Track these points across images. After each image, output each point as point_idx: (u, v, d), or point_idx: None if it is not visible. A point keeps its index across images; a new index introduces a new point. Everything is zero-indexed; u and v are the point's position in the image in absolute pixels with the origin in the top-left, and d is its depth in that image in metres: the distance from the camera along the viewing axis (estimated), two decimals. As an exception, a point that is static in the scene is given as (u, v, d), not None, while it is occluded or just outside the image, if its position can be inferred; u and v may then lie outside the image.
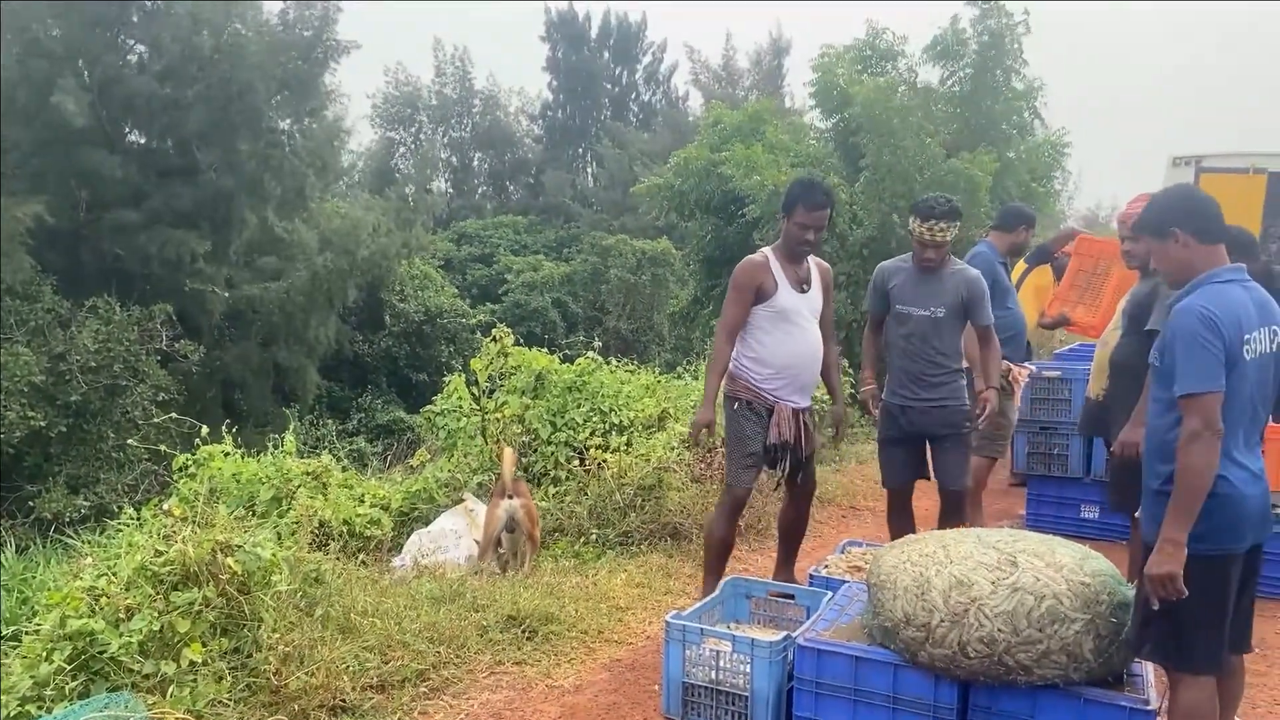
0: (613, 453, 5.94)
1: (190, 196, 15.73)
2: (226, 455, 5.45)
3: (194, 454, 5.49)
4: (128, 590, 3.15)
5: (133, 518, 4.46)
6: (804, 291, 4.08)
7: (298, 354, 17.57)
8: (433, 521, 5.48)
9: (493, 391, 6.62)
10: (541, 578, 4.75)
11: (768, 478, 5.05)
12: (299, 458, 5.70)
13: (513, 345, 6.74)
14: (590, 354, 6.82)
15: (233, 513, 3.86)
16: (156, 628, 3.03)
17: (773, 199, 10.54)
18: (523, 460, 6.21)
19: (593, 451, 5.98)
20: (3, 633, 3.62)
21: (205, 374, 15.76)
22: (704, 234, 13.52)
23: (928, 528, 4.02)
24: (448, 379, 7.21)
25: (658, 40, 37.83)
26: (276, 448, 5.67)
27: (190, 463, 5.46)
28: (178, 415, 7.98)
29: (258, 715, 3.09)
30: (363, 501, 5.59)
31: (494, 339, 6.71)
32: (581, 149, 37.37)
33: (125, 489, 12.34)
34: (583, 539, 5.54)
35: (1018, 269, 6.27)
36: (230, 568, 3.21)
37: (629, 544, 5.45)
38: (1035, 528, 5.17)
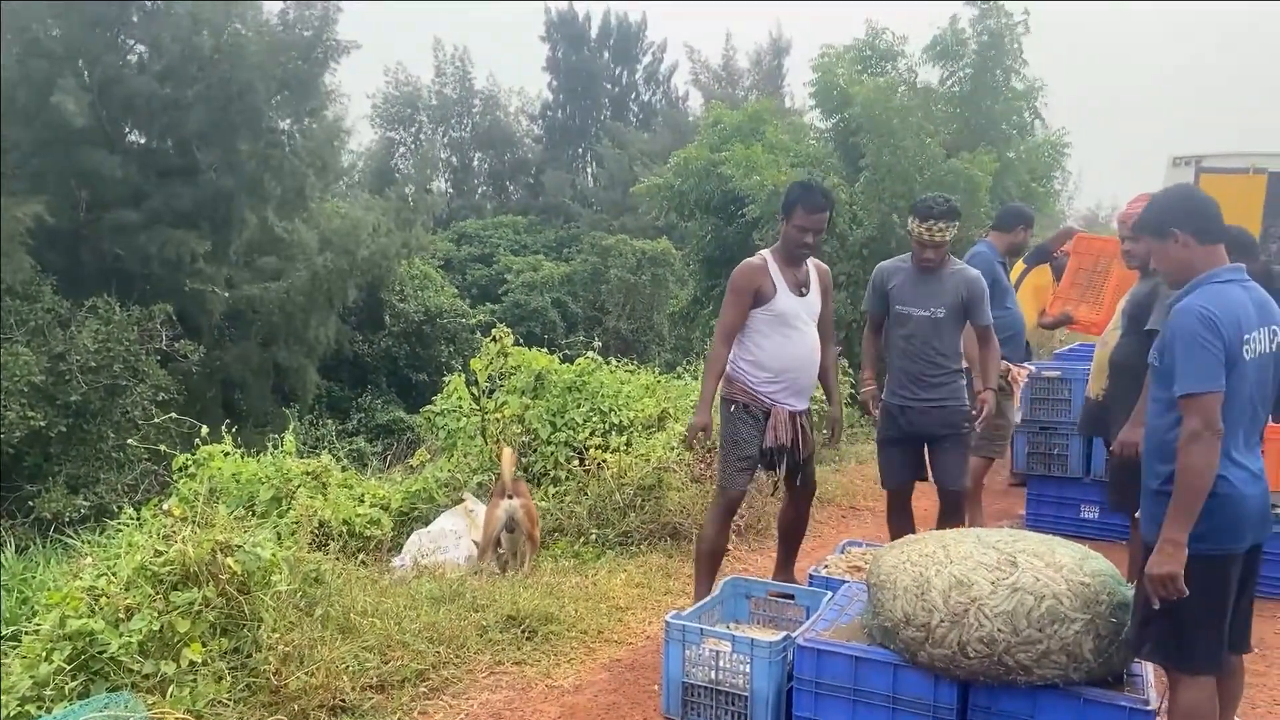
0: (612, 453, 5.94)
1: (190, 196, 15.73)
2: (226, 455, 5.45)
3: (194, 454, 5.49)
4: (127, 590, 3.15)
5: (132, 518, 4.45)
6: (803, 295, 4.06)
7: (298, 354, 17.57)
8: (432, 521, 5.48)
9: (492, 391, 6.62)
10: (541, 578, 4.75)
11: (767, 479, 5.06)
12: (299, 458, 5.70)
13: (512, 345, 6.75)
14: (590, 354, 6.82)
15: (233, 513, 3.86)
16: (156, 628, 3.03)
17: (772, 199, 10.54)
18: (522, 460, 6.21)
19: (592, 451, 5.97)
20: (3, 633, 3.62)
21: (205, 374, 15.76)
22: (704, 234, 13.53)
23: (927, 528, 4.02)
24: (447, 379, 7.21)
25: (658, 40, 37.89)
26: (276, 448, 5.67)
27: (190, 463, 5.46)
28: (178, 415, 7.98)
29: (257, 715, 3.09)
30: (362, 501, 5.59)
31: (494, 339, 6.71)
32: (581, 149, 37.37)
33: (125, 489, 12.35)
34: (582, 539, 5.54)
35: (1016, 269, 6.27)
36: (230, 568, 3.21)
37: (629, 544, 5.45)
38: (1035, 528, 5.17)
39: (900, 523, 4.40)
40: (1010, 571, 2.79)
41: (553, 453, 6.28)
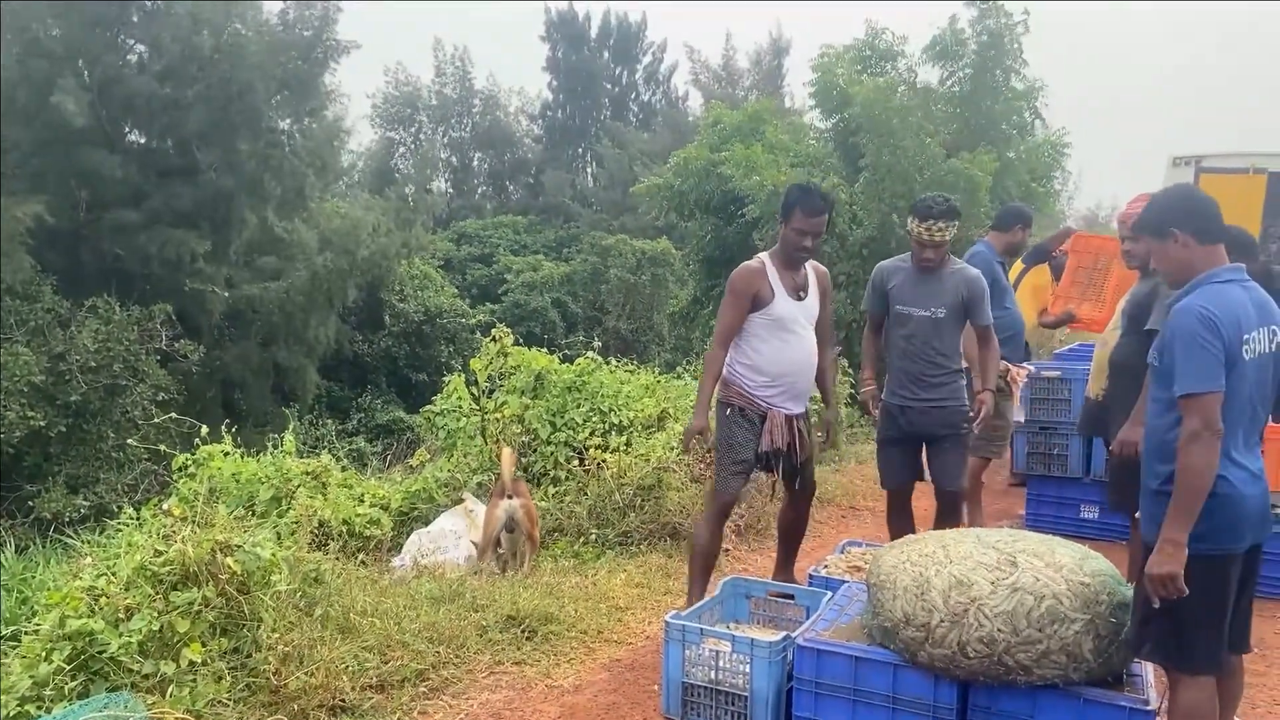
0: (612, 453, 5.94)
1: (190, 196, 15.74)
2: (226, 455, 5.45)
3: (194, 454, 5.49)
4: (127, 590, 3.15)
5: (132, 518, 4.45)
6: (801, 299, 4.03)
7: (297, 354, 17.58)
8: (432, 521, 5.48)
9: (492, 391, 6.62)
10: (541, 578, 4.75)
11: (766, 480, 5.05)
12: (298, 457, 5.70)
13: (512, 345, 6.74)
14: (590, 354, 6.81)
15: (232, 513, 3.85)
16: (156, 628, 3.03)
17: (772, 199, 10.55)
18: (522, 460, 6.20)
19: (592, 451, 5.97)
20: (3, 633, 3.62)
21: (205, 374, 15.77)
22: (704, 234, 13.54)
23: (927, 528, 4.02)
24: (447, 379, 7.21)
25: (658, 40, 37.91)
26: (276, 448, 5.67)
27: (190, 463, 5.46)
28: (177, 415, 7.96)
29: (257, 715, 3.09)
30: (362, 501, 5.59)
31: (494, 339, 6.71)
32: (581, 149, 37.38)
33: (125, 489, 12.35)
34: (582, 539, 5.54)
35: (1015, 269, 6.28)
36: (230, 568, 3.21)
37: (628, 544, 5.45)
38: (1035, 528, 5.17)
39: (900, 523, 4.40)
40: (1010, 571, 2.79)
41: (552, 453, 6.28)
